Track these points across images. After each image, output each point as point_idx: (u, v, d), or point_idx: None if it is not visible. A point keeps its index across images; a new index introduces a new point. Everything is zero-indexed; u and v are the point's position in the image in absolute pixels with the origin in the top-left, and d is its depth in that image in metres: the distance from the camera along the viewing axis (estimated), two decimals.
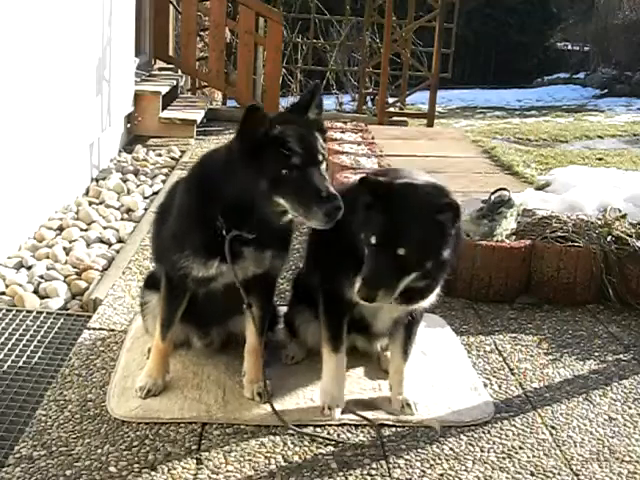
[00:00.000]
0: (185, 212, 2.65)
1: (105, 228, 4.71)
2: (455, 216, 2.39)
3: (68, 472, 2.36)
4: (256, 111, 2.38)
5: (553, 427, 2.76)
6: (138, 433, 2.57)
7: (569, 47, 18.82)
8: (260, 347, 2.82)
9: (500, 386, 3.03)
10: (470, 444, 2.62)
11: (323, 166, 2.43)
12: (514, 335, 3.51)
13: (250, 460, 2.47)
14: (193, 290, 2.72)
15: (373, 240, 2.38)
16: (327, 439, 2.59)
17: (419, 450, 2.57)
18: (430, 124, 9.05)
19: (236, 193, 2.45)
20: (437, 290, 2.67)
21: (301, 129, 2.43)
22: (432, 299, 2.69)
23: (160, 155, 6.61)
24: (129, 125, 7.16)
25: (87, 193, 5.38)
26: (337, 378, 2.75)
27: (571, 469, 2.52)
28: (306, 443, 2.57)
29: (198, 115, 7.77)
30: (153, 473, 2.38)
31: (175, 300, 2.76)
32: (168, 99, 7.89)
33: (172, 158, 6.53)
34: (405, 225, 2.37)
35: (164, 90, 7.54)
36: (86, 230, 4.64)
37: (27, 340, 3.25)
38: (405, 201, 2.39)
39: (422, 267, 2.40)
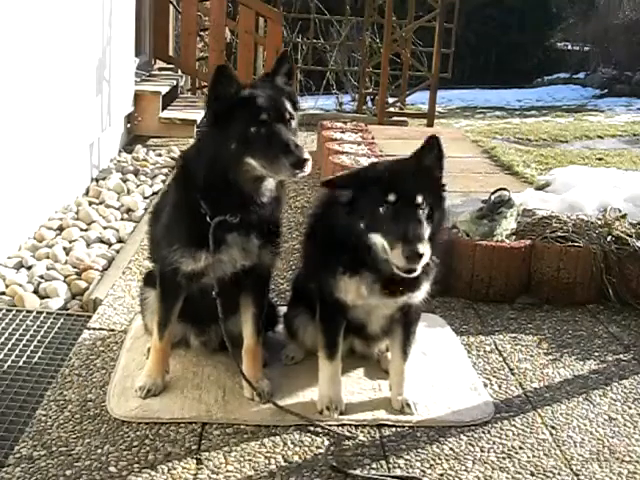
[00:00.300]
0: (172, 205, 2.71)
1: (105, 228, 4.71)
2: (440, 152, 2.60)
3: (68, 472, 2.36)
4: (226, 70, 2.47)
5: (553, 427, 2.76)
6: (138, 433, 2.58)
7: (569, 47, 18.79)
8: (257, 347, 2.82)
9: (500, 386, 3.03)
10: (470, 444, 2.62)
11: (292, 125, 2.50)
12: (514, 335, 3.51)
13: (250, 460, 2.47)
14: (187, 287, 2.72)
15: (392, 197, 2.42)
16: (341, 435, 2.61)
17: (419, 450, 2.57)
18: (430, 124, 9.04)
19: (210, 163, 2.51)
20: (431, 278, 2.69)
21: (269, 91, 2.52)
22: (425, 289, 2.69)
23: (160, 155, 6.60)
24: (129, 125, 7.16)
25: (87, 193, 5.38)
26: (333, 382, 2.77)
27: (571, 469, 2.52)
28: (306, 443, 2.57)
29: (198, 115, 7.76)
30: (153, 473, 2.38)
31: (170, 298, 2.77)
32: (168, 99, 7.89)
33: (172, 158, 6.51)
34: (409, 174, 2.52)
35: (164, 90, 7.54)
36: (86, 230, 4.64)
37: (27, 340, 3.25)
38: (399, 163, 2.64)
39: (433, 213, 2.50)
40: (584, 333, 3.57)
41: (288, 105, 2.52)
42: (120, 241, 4.55)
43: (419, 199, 2.44)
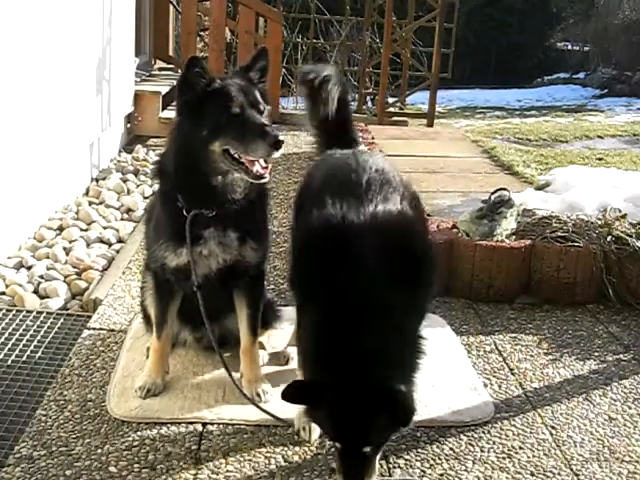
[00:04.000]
0: (154, 202, 2.78)
1: (105, 228, 4.71)
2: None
3: (68, 472, 2.36)
4: (197, 62, 2.48)
5: (553, 427, 2.76)
6: (138, 433, 2.58)
7: (569, 47, 18.79)
8: (254, 347, 2.83)
9: (500, 386, 3.03)
10: (470, 444, 2.62)
11: (264, 114, 2.54)
12: (514, 335, 3.51)
13: (250, 460, 2.47)
14: (179, 284, 2.73)
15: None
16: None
17: (419, 450, 2.57)
18: (430, 124, 9.04)
19: (182, 154, 2.53)
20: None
21: (240, 82, 2.57)
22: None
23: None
24: (129, 125, 7.15)
25: (87, 193, 5.38)
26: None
27: (571, 469, 2.52)
28: (306, 443, 2.57)
29: None
30: (153, 473, 2.38)
31: (164, 297, 2.78)
32: (168, 99, 7.87)
33: None
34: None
35: (164, 90, 7.54)
36: (86, 230, 4.64)
37: (27, 340, 3.25)
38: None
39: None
40: (584, 333, 3.57)
41: (259, 96, 2.57)
42: (120, 241, 4.55)
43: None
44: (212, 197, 2.56)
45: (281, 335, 3.16)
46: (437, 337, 3.37)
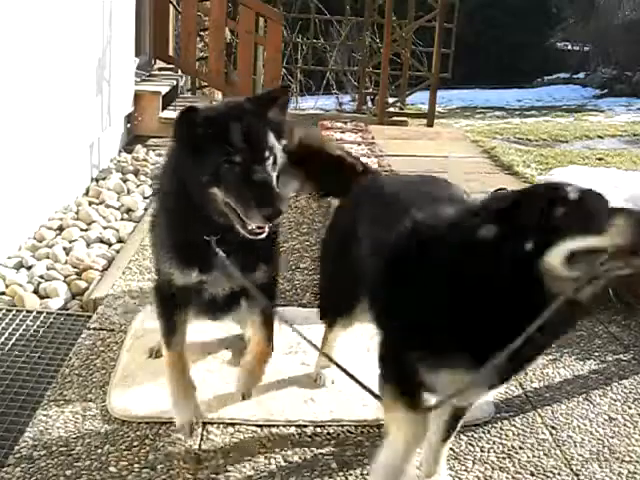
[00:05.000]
0: (160, 220, 2.56)
1: (105, 228, 4.71)
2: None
3: (68, 472, 2.36)
4: (191, 113, 2.21)
5: (553, 427, 2.76)
6: (138, 433, 2.58)
7: (569, 47, 18.79)
8: (267, 354, 2.72)
9: None
10: (470, 444, 2.62)
11: (269, 162, 2.23)
12: None
13: (250, 460, 2.47)
14: (187, 298, 2.55)
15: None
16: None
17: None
18: (430, 124, 9.04)
19: (181, 190, 2.29)
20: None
21: (247, 123, 2.22)
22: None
23: (160, 155, 6.58)
24: (129, 125, 7.15)
25: (87, 193, 5.37)
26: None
27: (571, 469, 2.52)
28: (306, 443, 2.57)
29: None
30: (153, 473, 2.38)
31: (173, 304, 2.57)
32: (168, 99, 7.89)
33: None
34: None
35: (164, 90, 7.54)
36: (86, 230, 4.64)
37: (27, 340, 3.25)
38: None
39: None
40: (584, 333, 3.57)
41: (271, 139, 2.25)
42: (120, 241, 4.55)
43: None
44: (215, 226, 2.33)
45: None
46: None
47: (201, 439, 2.56)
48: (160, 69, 9.05)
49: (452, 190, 2.44)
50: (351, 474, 2.43)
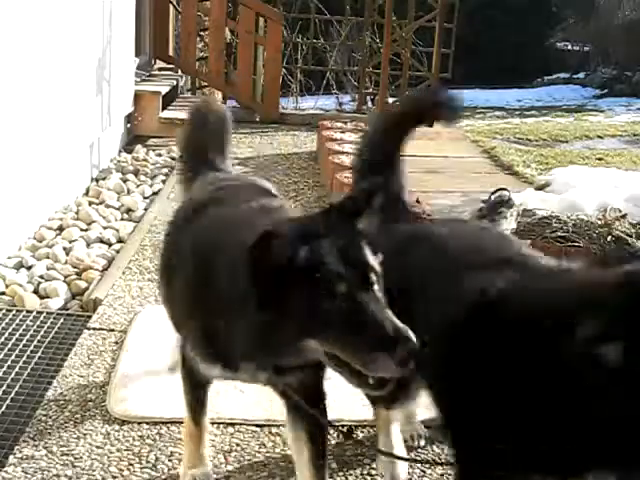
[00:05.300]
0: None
1: (105, 228, 4.71)
2: None
3: (69, 472, 2.36)
4: (270, 238, 1.64)
5: None
6: (139, 433, 2.58)
7: (569, 47, 18.79)
8: None
9: None
10: None
11: (376, 287, 1.70)
12: None
13: (250, 460, 2.47)
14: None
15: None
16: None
17: (419, 450, 2.57)
18: (430, 124, 9.04)
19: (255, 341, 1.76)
20: None
21: (341, 241, 1.70)
22: None
23: (160, 155, 6.60)
24: (129, 125, 7.15)
25: (87, 193, 5.37)
26: None
27: None
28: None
29: None
30: (154, 473, 2.38)
31: (196, 384, 2.24)
32: (168, 99, 7.89)
33: (172, 158, 6.51)
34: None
35: (164, 90, 7.54)
36: (86, 230, 4.64)
37: (27, 340, 3.25)
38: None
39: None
40: None
41: (371, 259, 1.73)
42: (120, 241, 4.55)
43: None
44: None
45: None
46: None
47: None
48: (160, 69, 9.05)
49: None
50: (351, 474, 2.43)
